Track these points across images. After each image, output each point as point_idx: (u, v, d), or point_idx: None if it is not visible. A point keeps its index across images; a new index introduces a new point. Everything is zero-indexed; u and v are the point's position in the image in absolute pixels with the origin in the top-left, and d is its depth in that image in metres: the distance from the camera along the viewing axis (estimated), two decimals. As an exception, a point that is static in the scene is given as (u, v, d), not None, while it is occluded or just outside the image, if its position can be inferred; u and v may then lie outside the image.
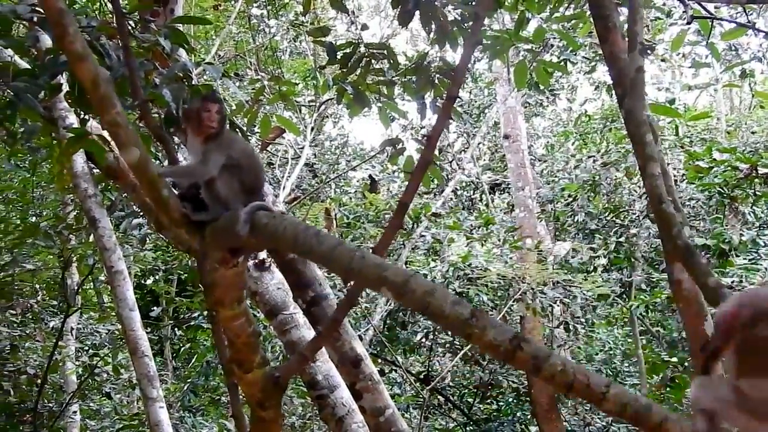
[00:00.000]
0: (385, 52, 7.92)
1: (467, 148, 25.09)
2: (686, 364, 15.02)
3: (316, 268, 8.03)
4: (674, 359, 16.18)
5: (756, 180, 15.26)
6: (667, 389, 16.48)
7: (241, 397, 5.28)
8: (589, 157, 20.69)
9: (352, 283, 4.11)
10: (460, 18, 7.61)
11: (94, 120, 6.94)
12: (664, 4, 15.01)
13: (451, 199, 24.51)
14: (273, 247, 3.78)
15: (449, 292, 3.22)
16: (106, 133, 6.74)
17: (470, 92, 25.68)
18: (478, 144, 25.44)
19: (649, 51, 18.16)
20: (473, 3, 7.44)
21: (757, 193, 15.97)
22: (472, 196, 25.80)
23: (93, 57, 3.45)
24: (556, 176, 22.80)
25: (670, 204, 5.00)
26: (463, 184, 25.30)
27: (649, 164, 5.16)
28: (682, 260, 5.13)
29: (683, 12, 7.57)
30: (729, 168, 15.14)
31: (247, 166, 4.27)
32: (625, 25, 5.84)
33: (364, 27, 8.99)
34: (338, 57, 7.78)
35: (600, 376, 3.09)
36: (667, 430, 2.92)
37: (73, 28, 3.32)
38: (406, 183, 4.46)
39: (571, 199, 20.33)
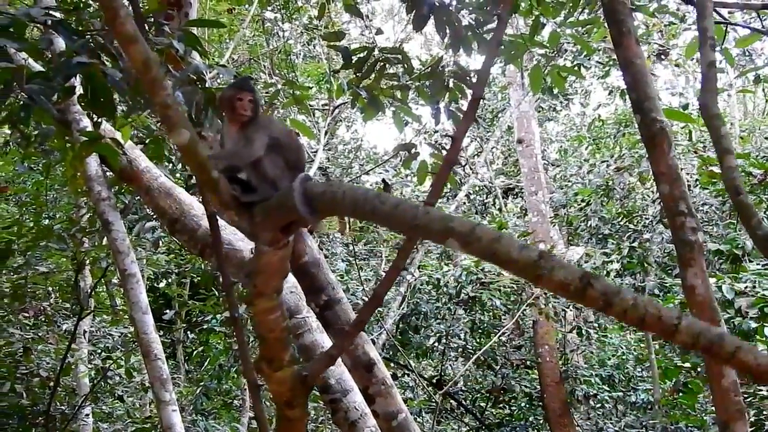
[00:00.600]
0: (400, 56, 7.92)
1: (481, 152, 25.11)
2: (699, 369, 14.96)
3: (329, 273, 8.03)
4: (687, 364, 16.11)
5: (768, 185, 15.21)
6: (680, 394, 16.42)
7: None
8: (603, 161, 20.66)
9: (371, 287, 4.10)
10: (474, 23, 7.61)
11: (108, 123, 6.95)
12: (678, 9, 14.96)
13: (465, 203, 24.52)
14: (331, 215, 3.78)
15: (515, 238, 3.22)
16: (119, 136, 6.77)
17: (484, 96, 25.64)
18: (492, 148, 25.45)
19: (663, 56, 18.14)
20: (488, 8, 7.44)
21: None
22: (486, 201, 25.81)
23: (143, 39, 3.48)
24: (569, 181, 22.79)
25: (747, 195, 5.01)
26: (477, 188, 25.32)
27: (727, 157, 5.19)
28: (763, 250, 5.16)
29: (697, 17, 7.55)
30: (742, 173, 15.08)
31: (288, 145, 4.31)
32: (639, 30, 5.86)
33: (379, 31, 8.98)
34: (353, 61, 7.78)
35: (671, 308, 3.06)
36: (740, 359, 2.88)
37: (124, 11, 3.37)
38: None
39: (584, 204, 20.29)
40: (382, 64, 7.87)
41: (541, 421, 19.68)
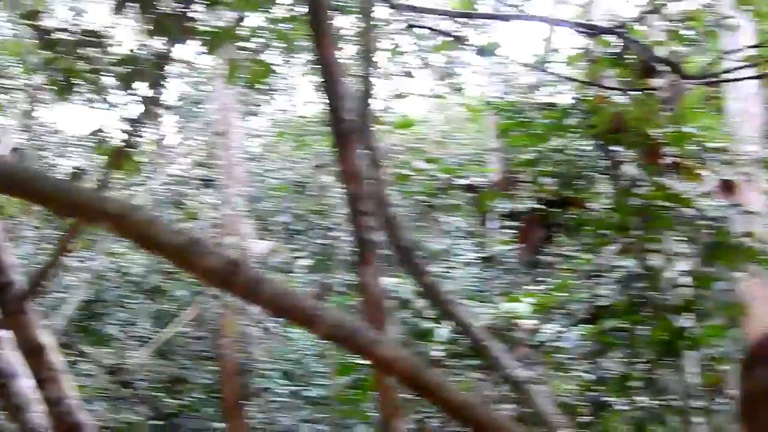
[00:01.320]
0: (98, 39, 7.80)
1: (180, 142, 24.89)
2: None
3: (7, 255, 7.81)
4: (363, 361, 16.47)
5: (453, 191, 15.69)
6: (355, 390, 16.74)
7: None
8: (302, 159, 20.87)
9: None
10: (178, 11, 7.57)
11: None
12: (390, 15, 15.21)
13: (163, 193, 24.15)
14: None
15: (170, 224, 3.22)
16: None
17: (187, 86, 25.41)
18: (191, 138, 25.24)
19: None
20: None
21: (455, 203, 16.41)
22: (182, 191, 25.50)
23: None
24: (266, 176, 22.86)
25: (392, 207, 5.24)
26: (174, 178, 25.00)
27: (378, 169, 5.42)
28: (400, 259, 5.44)
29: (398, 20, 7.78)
30: (430, 178, 15.51)
31: None
32: (340, 31, 6.07)
33: (81, 13, 8.86)
34: (51, 41, 7.62)
35: (317, 302, 3.13)
36: (375, 352, 2.99)
37: None
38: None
39: (279, 200, 20.42)
40: (80, 45, 7.73)
41: (219, 413, 19.71)
